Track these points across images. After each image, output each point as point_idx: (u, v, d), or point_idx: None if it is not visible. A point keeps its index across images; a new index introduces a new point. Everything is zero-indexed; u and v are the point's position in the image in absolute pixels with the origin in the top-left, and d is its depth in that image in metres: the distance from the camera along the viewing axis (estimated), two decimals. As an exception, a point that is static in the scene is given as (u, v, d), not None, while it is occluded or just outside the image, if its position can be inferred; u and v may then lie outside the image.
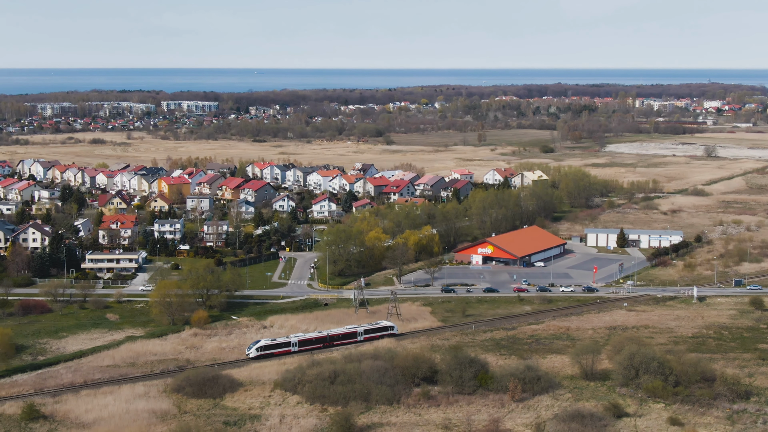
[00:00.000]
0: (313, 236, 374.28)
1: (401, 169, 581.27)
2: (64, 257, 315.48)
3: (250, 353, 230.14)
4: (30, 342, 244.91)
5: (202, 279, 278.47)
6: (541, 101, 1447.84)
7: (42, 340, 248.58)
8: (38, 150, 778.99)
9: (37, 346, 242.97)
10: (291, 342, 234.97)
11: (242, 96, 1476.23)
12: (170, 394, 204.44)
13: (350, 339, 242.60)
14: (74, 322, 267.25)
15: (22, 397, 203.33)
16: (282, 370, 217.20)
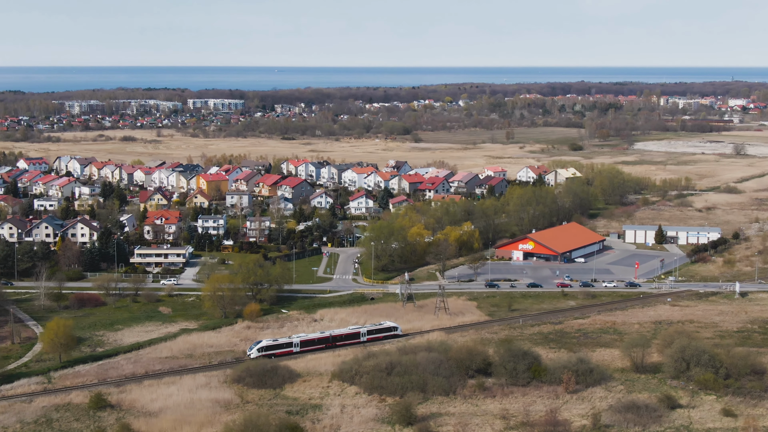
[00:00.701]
0: (354, 232, 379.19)
1: (434, 167, 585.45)
2: (114, 252, 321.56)
3: (251, 354, 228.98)
4: (87, 334, 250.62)
5: (252, 273, 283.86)
6: (565, 99, 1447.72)
7: (98, 332, 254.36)
8: (70, 147, 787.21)
9: (95, 338, 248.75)
10: (293, 342, 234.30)
11: (267, 94, 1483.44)
12: (231, 384, 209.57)
13: (353, 339, 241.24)
14: (128, 315, 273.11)
15: (87, 387, 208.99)
16: (338, 361, 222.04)
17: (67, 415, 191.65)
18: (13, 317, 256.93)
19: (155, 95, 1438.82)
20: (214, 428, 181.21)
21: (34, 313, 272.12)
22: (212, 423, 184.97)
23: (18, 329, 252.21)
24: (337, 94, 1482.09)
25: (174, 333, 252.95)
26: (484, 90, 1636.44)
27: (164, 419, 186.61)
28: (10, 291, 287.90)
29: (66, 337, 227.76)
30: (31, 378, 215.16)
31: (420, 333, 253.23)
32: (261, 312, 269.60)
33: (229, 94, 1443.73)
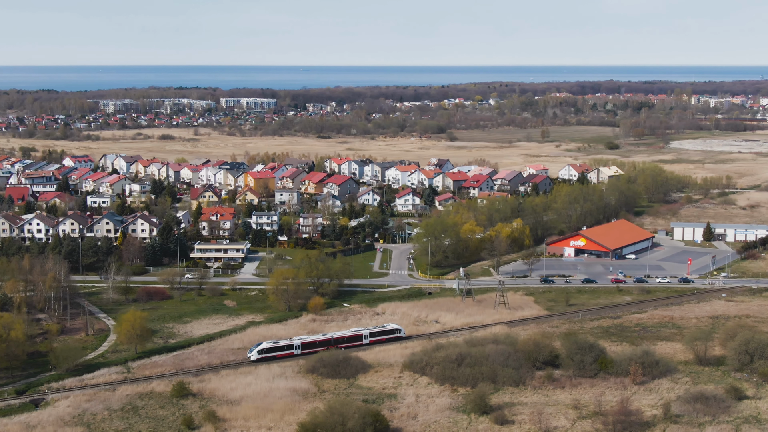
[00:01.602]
0: (405, 228, 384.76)
1: (475, 165, 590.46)
2: (177, 247, 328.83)
3: (251, 356, 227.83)
4: (158, 326, 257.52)
5: (315, 268, 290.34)
6: (596, 98, 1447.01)
7: (168, 324, 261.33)
8: (110, 145, 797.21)
9: (165, 330, 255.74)
10: (294, 345, 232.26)
11: (298, 93, 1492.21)
12: (305, 374, 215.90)
13: (355, 342, 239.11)
14: (195, 308, 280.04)
15: (166, 376, 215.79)
16: (407, 353, 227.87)
17: (151, 403, 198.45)
18: (86, 310, 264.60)
19: (187, 94, 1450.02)
20: (296, 416, 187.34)
21: (104, 306, 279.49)
22: (293, 410, 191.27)
23: (91, 321, 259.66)
24: (367, 93, 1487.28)
25: (242, 325, 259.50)
26: (514, 89, 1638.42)
27: (246, 407, 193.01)
28: (79, 284, 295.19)
29: (141, 329, 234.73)
30: (111, 368, 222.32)
31: (483, 326, 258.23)
32: (325, 305, 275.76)
33: (261, 93, 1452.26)
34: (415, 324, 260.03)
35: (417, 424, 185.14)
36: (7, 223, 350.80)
